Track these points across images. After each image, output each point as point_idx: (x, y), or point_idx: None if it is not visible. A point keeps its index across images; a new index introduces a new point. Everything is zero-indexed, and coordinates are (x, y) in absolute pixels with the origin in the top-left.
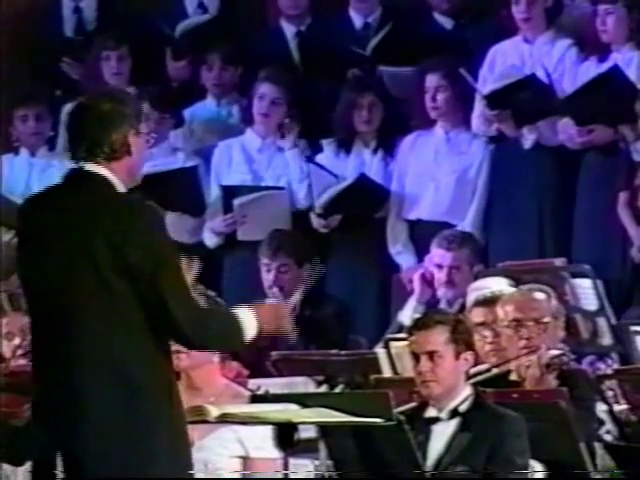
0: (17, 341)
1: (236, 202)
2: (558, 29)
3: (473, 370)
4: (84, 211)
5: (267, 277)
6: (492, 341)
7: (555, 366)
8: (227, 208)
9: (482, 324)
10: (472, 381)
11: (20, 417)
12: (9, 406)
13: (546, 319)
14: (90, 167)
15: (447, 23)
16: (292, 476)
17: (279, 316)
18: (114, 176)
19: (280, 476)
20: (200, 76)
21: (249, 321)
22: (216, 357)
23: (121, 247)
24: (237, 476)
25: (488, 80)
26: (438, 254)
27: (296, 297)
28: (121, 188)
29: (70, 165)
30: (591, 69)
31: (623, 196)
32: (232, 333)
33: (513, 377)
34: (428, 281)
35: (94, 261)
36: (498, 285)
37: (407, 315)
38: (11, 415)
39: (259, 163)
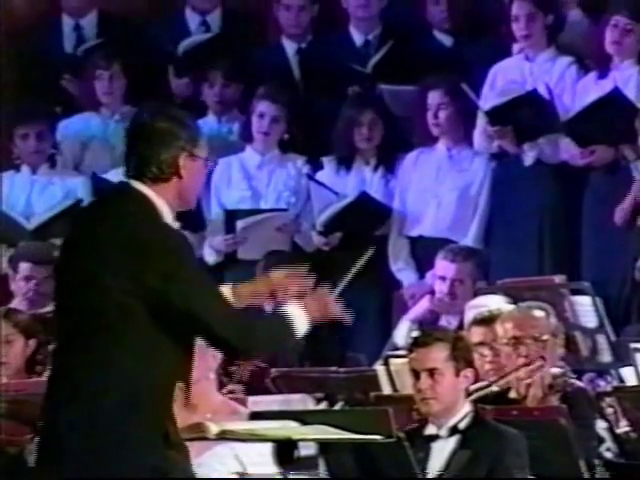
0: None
1: (239, 224)
2: (559, 46)
3: (472, 387)
4: (115, 231)
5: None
6: (492, 360)
7: (558, 387)
8: (229, 229)
9: (481, 343)
10: (471, 398)
11: (17, 445)
12: (8, 433)
13: (545, 337)
14: (135, 185)
15: (447, 41)
16: (291, 476)
17: (326, 303)
18: (158, 197)
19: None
20: (201, 93)
21: (298, 315)
22: (212, 374)
23: (141, 273)
24: None
25: (489, 97)
26: (442, 266)
27: (343, 283)
28: (165, 209)
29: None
30: (590, 86)
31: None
32: (281, 332)
33: (512, 395)
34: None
35: (114, 282)
36: (495, 303)
37: (401, 335)
38: (9, 442)
39: (258, 180)
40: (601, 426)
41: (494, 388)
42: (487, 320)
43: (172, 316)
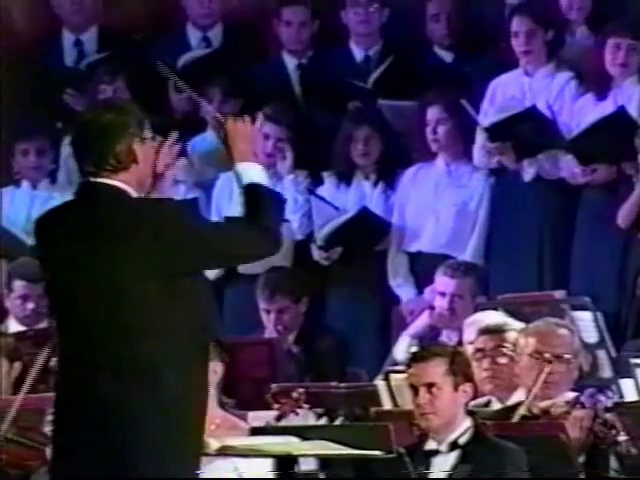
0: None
1: None
2: (559, 62)
3: (473, 403)
4: (104, 226)
5: (267, 319)
6: (488, 367)
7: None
8: None
9: (481, 350)
10: (481, 410)
11: (22, 469)
12: (14, 457)
13: (567, 356)
14: (100, 180)
15: (447, 57)
16: None
17: (243, 130)
18: (125, 185)
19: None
20: (201, 108)
21: (247, 167)
22: (212, 389)
23: (151, 249)
24: None
25: (489, 113)
26: (442, 281)
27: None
28: (134, 195)
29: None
30: (590, 104)
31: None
32: (271, 205)
33: (523, 411)
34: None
35: (123, 270)
36: (496, 319)
37: (401, 350)
38: (13, 465)
39: None
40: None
41: (496, 405)
42: (497, 330)
43: (196, 269)
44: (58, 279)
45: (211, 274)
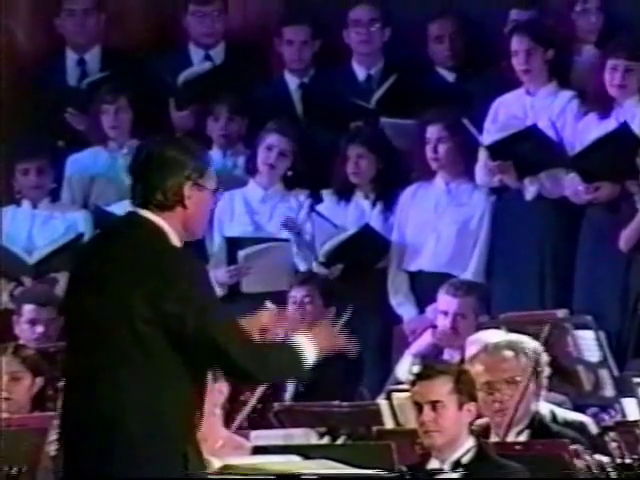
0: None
1: (241, 254)
2: (561, 81)
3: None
4: (126, 259)
5: (291, 308)
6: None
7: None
8: (231, 260)
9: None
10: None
11: None
12: None
13: (518, 378)
14: (142, 212)
15: (450, 76)
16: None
17: (332, 333)
18: (165, 223)
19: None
20: (205, 126)
21: (306, 346)
22: (218, 409)
23: (158, 298)
24: None
25: (491, 131)
26: (444, 300)
27: (341, 321)
28: (173, 236)
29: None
30: (593, 123)
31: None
32: (292, 361)
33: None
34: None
35: (130, 312)
36: (496, 338)
37: (404, 370)
38: None
39: (261, 214)
40: (605, 460)
41: None
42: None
43: (188, 342)
44: (71, 299)
45: None
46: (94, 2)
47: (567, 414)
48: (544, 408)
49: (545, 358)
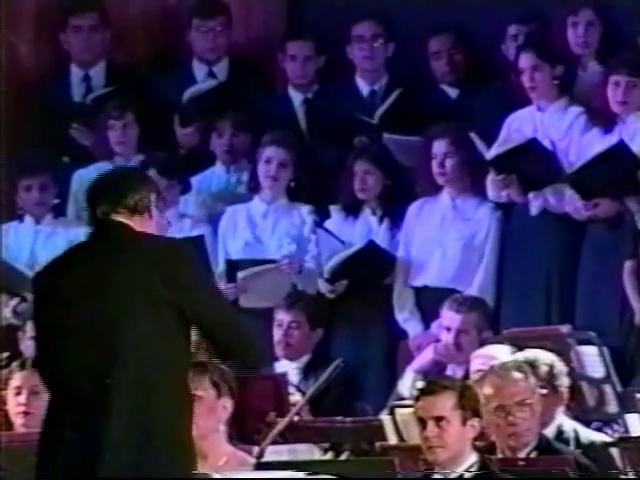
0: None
1: (240, 275)
2: (571, 97)
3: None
4: (119, 257)
5: (277, 332)
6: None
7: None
8: (230, 279)
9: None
10: None
11: None
12: None
13: (529, 400)
14: (114, 217)
15: (452, 92)
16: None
17: None
18: (138, 228)
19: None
20: (209, 142)
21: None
22: (222, 425)
23: (174, 277)
24: None
25: (496, 146)
26: (448, 316)
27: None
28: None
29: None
30: (596, 139)
31: (629, 265)
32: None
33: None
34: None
35: (148, 295)
36: (500, 353)
37: (406, 385)
38: None
39: (263, 229)
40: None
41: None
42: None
43: (200, 313)
44: (68, 315)
45: None
46: (100, 19)
47: (592, 435)
48: (568, 426)
49: (562, 368)
